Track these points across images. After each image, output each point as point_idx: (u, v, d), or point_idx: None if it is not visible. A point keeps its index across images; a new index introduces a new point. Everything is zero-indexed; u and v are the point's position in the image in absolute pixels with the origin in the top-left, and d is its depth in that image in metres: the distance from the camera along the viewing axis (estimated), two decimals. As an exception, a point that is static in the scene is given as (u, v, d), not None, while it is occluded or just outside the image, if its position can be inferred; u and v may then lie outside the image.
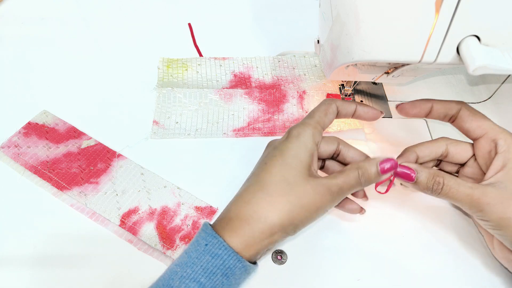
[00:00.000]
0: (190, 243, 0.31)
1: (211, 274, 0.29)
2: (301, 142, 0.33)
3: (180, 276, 0.29)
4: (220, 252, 0.29)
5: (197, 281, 0.28)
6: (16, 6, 0.57)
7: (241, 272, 0.30)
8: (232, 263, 0.29)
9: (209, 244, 0.30)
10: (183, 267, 0.29)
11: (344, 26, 0.35)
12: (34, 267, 0.36)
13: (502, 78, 0.50)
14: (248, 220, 0.30)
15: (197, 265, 0.29)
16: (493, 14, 0.29)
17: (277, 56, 0.54)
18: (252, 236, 0.30)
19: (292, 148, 0.33)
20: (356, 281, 0.37)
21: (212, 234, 0.30)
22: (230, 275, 0.30)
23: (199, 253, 0.30)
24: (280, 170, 0.32)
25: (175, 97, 0.48)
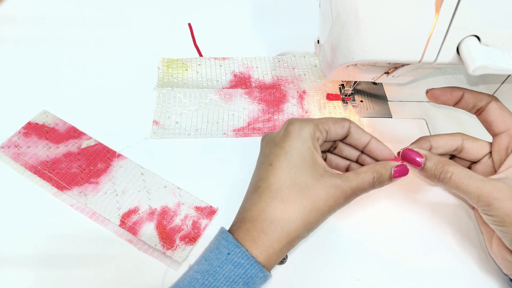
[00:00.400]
0: (210, 250, 0.31)
1: (233, 283, 0.29)
2: (302, 138, 0.32)
3: (201, 283, 0.28)
4: (242, 262, 0.29)
5: None
6: (16, 6, 0.57)
7: (261, 281, 0.30)
8: (254, 273, 0.29)
9: (232, 253, 0.29)
10: (204, 275, 0.29)
11: (344, 26, 0.35)
12: (34, 267, 0.36)
13: (502, 78, 0.50)
14: (265, 230, 0.30)
15: (219, 274, 0.29)
16: (493, 14, 0.29)
17: (277, 56, 0.54)
18: (271, 246, 0.30)
19: (296, 146, 0.32)
20: (356, 281, 0.37)
21: (235, 243, 0.30)
22: (251, 284, 0.29)
23: (220, 261, 0.29)
24: (289, 173, 0.31)
25: (175, 97, 0.48)
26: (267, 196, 0.31)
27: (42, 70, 0.50)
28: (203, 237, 0.39)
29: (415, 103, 0.50)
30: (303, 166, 0.31)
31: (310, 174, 0.31)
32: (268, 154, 0.32)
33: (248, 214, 0.31)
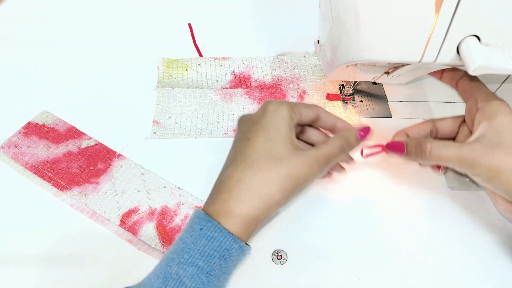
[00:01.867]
0: (184, 230, 0.31)
1: (209, 257, 0.29)
2: (279, 116, 0.34)
3: (177, 262, 0.29)
4: (216, 235, 0.30)
5: (195, 265, 0.29)
6: (16, 6, 0.57)
7: (238, 253, 0.31)
8: (229, 245, 0.30)
9: (204, 228, 0.30)
10: (179, 253, 0.29)
11: (344, 26, 0.35)
12: (34, 267, 0.36)
13: (502, 78, 0.50)
14: (243, 198, 0.31)
15: (194, 250, 0.29)
16: (493, 14, 0.29)
17: (277, 56, 0.54)
18: (249, 214, 0.31)
19: (273, 122, 0.34)
20: (356, 281, 0.37)
21: (206, 218, 0.30)
22: (227, 257, 0.30)
23: (194, 238, 0.30)
24: (265, 146, 0.33)
25: (175, 97, 0.48)
26: (244, 167, 0.32)
27: (42, 70, 0.50)
28: (203, 237, 0.38)
29: (415, 103, 0.50)
30: (279, 140, 0.33)
31: (285, 147, 0.33)
32: (246, 131, 0.34)
33: (225, 186, 0.32)
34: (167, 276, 0.29)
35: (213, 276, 0.29)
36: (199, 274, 0.29)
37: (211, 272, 0.29)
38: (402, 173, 0.43)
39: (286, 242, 0.38)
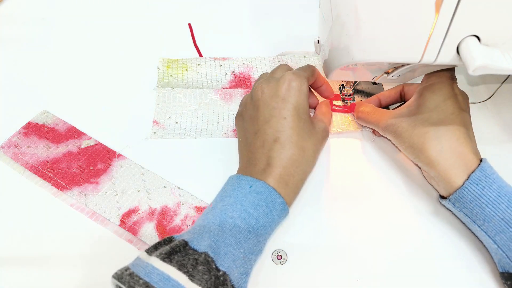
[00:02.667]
0: (231, 189, 0.35)
1: (258, 206, 0.34)
2: (303, 93, 0.39)
3: (232, 210, 0.34)
4: (263, 190, 0.35)
5: (247, 211, 0.34)
6: (16, 6, 0.57)
7: (280, 208, 0.35)
8: (274, 198, 0.35)
9: (253, 186, 0.35)
10: (232, 205, 0.34)
11: (344, 26, 0.35)
12: (34, 267, 0.36)
13: (502, 78, 0.50)
14: (293, 173, 0.36)
15: (245, 201, 0.34)
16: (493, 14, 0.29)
17: (277, 56, 0.54)
18: (296, 185, 0.37)
19: (299, 101, 0.38)
20: (356, 281, 0.37)
21: (254, 180, 0.35)
22: (272, 208, 0.35)
23: (244, 193, 0.35)
24: (300, 124, 0.38)
25: (175, 97, 0.48)
26: (290, 146, 0.37)
27: (42, 70, 0.50)
28: (203, 237, 0.39)
29: (415, 103, 0.50)
30: (307, 117, 0.39)
31: (309, 123, 0.39)
32: (276, 107, 0.38)
33: (276, 162, 0.36)
34: (223, 220, 0.33)
35: (260, 223, 0.34)
36: (250, 218, 0.34)
37: (259, 218, 0.34)
38: (402, 173, 0.43)
39: (286, 242, 0.38)
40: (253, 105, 0.39)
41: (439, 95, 0.39)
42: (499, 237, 0.34)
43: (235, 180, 0.36)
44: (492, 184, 0.35)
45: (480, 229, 0.36)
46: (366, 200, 0.42)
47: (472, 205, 0.35)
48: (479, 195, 0.35)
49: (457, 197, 0.36)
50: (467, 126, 0.38)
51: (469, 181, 0.35)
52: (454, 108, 0.38)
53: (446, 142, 0.37)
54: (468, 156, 0.37)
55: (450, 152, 0.37)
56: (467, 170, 0.36)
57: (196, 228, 0.33)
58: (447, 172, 0.37)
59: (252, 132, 0.38)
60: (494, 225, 0.34)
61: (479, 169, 0.36)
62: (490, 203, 0.35)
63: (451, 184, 0.37)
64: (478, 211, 0.35)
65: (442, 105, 0.39)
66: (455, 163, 0.36)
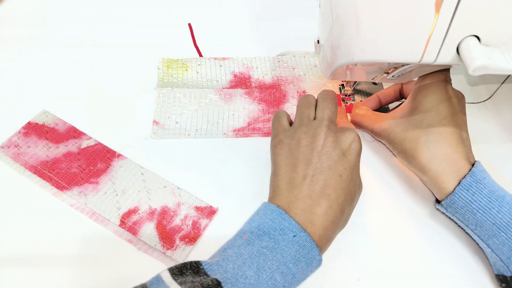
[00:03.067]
0: (272, 228, 0.33)
1: (298, 262, 0.32)
2: (359, 156, 0.37)
3: (271, 258, 0.31)
4: (306, 244, 0.32)
5: (286, 265, 0.32)
6: (16, 6, 0.57)
7: (317, 264, 0.34)
8: (314, 255, 0.33)
9: (297, 236, 0.32)
10: (272, 251, 0.32)
11: (344, 26, 0.35)
12: (34, 267, 0.36)
13: (502, 78, 0.50)
14: (331, 237, 0.34)
15: (286, 252, 0.32)
16: (493, 14, 0.29)
17: (277, 56, 0.54)
18: (332, 237, 0.35)
19: (356, 164, 0.37)
20: (356, 281, 0.37)
21: (299, 228, 0.33)
22: (310, 265, 0.33)
23: (287, 242, 0.32)
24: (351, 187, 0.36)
25: (175, 97, 0.48)
26: (336, 208, 0.34)
27: (42, 70, 0.50)
28: (203, 237, 0.39)
29: (415, 103, 0.50)
30: (357, 181, 0.37)
31: (355, 186, 0.36)
32: (337, 161, 0.35)
33: (319, 222, 0.33)
34: (260, 267, 0.31)
35: (296, 279, 0.32)
36: (288, 274, 0.31)
37: (296, 275, 0.32)
38: (402, 174, 0.43)
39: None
40: (312, 148, 0.36)
41: (432, 98, 0.39)
42: (491, 241, 0.35)
43: (276, 216, 0.33)
44: (483, 189, 0.35)
45: (473, 233, 0.36)
46: (366, 200, 0.41)
47: (464, 210, 0.35)
48: (470, 200, 0.35)
49: (448, 202, 0.36)
50: (460, 129, 0.38)
51: (459, 187, 0.35)
52: (447, 112, 0.38)
53: (437, 148, 0.37)
54: (460, 162, 0.36)
55: (441, 158, 0.37)
56: (458, 176, 0.36)
57: (229, 264, 0.31)
58: (438, 178, 0.37)
59: (302, 175, 0.35)
60: (486, 229, 0.35)
61: (470, 174, 0.36)
62: (481, 208, 0.34)
63: (442, 190, 0.37)
64: (470, 216, 0.35)
65: (435, 109, 0.38)
66: (446, 169, 0.37)
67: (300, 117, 0.39)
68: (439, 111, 0.38)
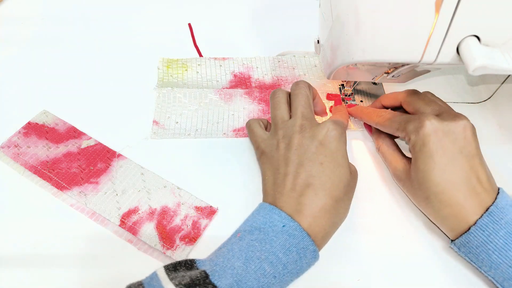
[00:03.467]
0: (261, 222, 0.33)
1: (288, 251, 0.32)
2: (343, 141, 0.37)
3: (259, 249, 0.32)
4: (296, 233, 0.33)
5: (275, 255, 0.32)
6: (16, 6, 0.57)
7: (311, 256, 0.33)
8: (306, 245, 0.33)
9: (287, 226, 0.33)
10: (261, 242, 0.32)
11: (344, 26, 0.35)
12: (34, 267, 0.36)
13: (502, 78, 0.50)
14: (324, 226, 0.34)
15: (276, 242, 0.32)
16: (493, 14, 0.29)
17: (277, 56, 0.54)
18: (328, 235, 0.35)
19: (339, 148, 0.37)
20: (356, 281, 0.37)
21: (288, 218, 0.33)
22: (303, 255, 0.33)
23: (276, 232, 0.32)
24: (336, 171, 0.36)
25: (175, 97, 0.48)
26: (323, 194, 0.35)
27: (42, 70, 0.50)
28: (203, 237, 0.39)
29: (415, 103, 0.50)
30: (345, 164, 0.37)
31: (348, 170, 0.37)
32: (315, 152, 0.36)
33: (307, 210, 0.34)
34: (248, 258, 0.31)
35: (288, 270, 0.32)
36: (278, 264, 0.31)
37: (287, 265, 0.32)
38: (402, 173, 0.43)
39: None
40: (288, 146, 0.37)
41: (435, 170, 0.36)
42: (507, 284, 0.33)
43: (268, 212, 0.34)
44: (499, 230, 0.33)
45: (487, 274, 0.35)
46: (366, 200, 0.41)
47: (479, 250, 0.34)
48: (485, 241, 0.34)
49: (463, 241, 0.35)
50: (474, 176, 0.35)
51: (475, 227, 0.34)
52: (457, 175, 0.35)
53: (447, 209, 0.35)
54: (471, 218, 0.34)
55: (453, 215, 0.35)
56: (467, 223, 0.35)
57: (219, 258, 0.32)
58: (446, 229, 0.37)
59: (283, 173, 0.36)
60: (502, 272, 0.33)
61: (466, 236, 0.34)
62: (497, 249, 0.33)
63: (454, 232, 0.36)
64: (485, 257, 0.34)
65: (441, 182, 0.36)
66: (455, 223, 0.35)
67: (274, 121, 0.40)
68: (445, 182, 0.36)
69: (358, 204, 0.41)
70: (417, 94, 0.41)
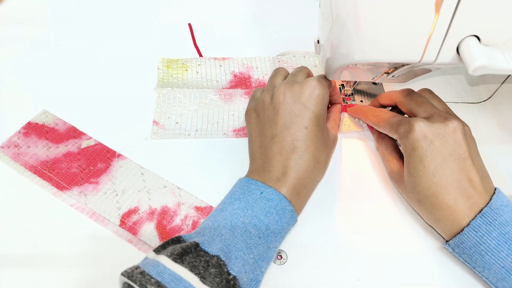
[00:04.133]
0: (240, 193, 0.36)
1: (268, 213, 0.34)
2: (325, 103, 0.39)
3: (243, 215, 0.34)
4: (274, 197, 0.35)
5: (258, 218, 0.34)
6: (16, 6, 0.57)
7: (290, 216, 0.35)
8: (284, 205, 0.35)
9: (264, 193, 0.35)
10: (243, 209, 0.34)
11: (344, 26, 0.35)
12: (34, 267, 0.36)
13: (502, 78, 0.50)
14: (307, 185, 0.37)
15: (256, 207, 0.34)
16: (493, 14, 0.29)
17: (277, 56, 0.54)
18: (308, 196, 0.38)
19: (321, 110, 0.38)
20: (356, 281, 0.37)
21: (265, 186, 0.35)
22: (282, 215, 0.35)
23: (255, 199, 0.35)
24: (318, 134, 0.38)
25: (175, 97, 0.48)
26: (307, 158, 0.37)
27: (42, 70, 0.50)
28: (203, 237, 0.39)
29: (415, 103, 0.50)
30: (324, 127, 0.39)
31: (326, 133, 0.40)
32: (298, 114, 0.38)
33: (293, 172, 0.36)
34: (234, 224, 0.33)
35: (270, 230, 0.34)
36: (260, 225, 0.34)
37: (269, 225, 0.34)
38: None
39: (286, 242, 0.38)
40: (273, 107, 0.39)
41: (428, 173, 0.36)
42: (501, 284, 0.33)
43: (244, 184, 0.36)
44: (492, 231, 0.33)
45: (481, 275, 0.35)
46: (366, 200, 0.42)
47: (472, 251, 0.34)
48: (477, 242, 0.34)
49: (457, 242, 0.35)
50: (465, 178, 0.35)
51: (468, 228, 0.34)
52: (448, 179, 0.35)
53: (439, 212, 0.36)
54: (462, 220, 0.35)
55: (444, 218, 0.35)
56: (457, 227, 0.35)
57: (206, 230, 0.33)
58: (439, 230, 0.37)
59: (269, 135, 0.38)
60: (495, 272, 0.33)
61: (480, 215, 0.34)
62: (490, 250, 0.33)
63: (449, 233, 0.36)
64: (478, 258, 0.34)
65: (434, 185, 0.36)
66: (448, 225, 0.36)
67: (268, 86, 0.42)
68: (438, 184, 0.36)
69: (358, 204, 0.41)
70: (411, 95, 0.41)
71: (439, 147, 0.36)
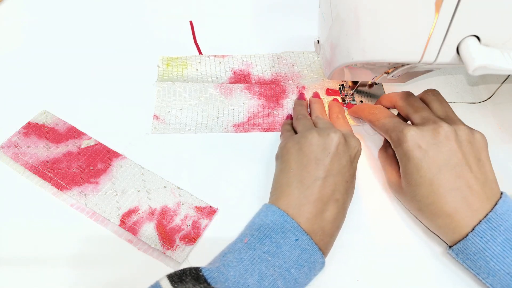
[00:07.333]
0: (273, 231, 0.33)
1: (300, 266, 0.32)
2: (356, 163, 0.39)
3: (272, 265, 0.32)
4: (308, 248, 0.33)
5: (288, 271, 0.32)
6: (16, 6, 0.57)
7: (319, 268, 0.34)
8: (316, 258, 0.33)
9: (300, 240, 0.33)
10: (274, 256, 0.32)
11: (344, 26, 0.35)
12: (34, 267, 0.36)
13: (502, 78, 0.50)
14: (334, 234, 0.36)
15: (288, 257, 0.32)
16: (493, 14, 0.29)
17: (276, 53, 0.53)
18: (334, 239, 0.36)
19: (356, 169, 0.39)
20: (356, 281, 0.37)
21: (301, 231, 0.33)
22: (312, 268, 0.33)
23: (289, 246, 0.32)
24: (350, 192, 0.38)
25: (175, 91, 0.48)
26: (343, 213, 0.37)
27: (42, 70, 0.50)
28: (203, 237, 0.39)
29: (415, 102, 0.50)
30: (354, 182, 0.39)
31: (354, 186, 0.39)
32: (345, 166, 0.37)
33: (328, 224, 0.35)
34: (262, 274, 0.31)
35: (298, 283, 0.32)
36: (290, 279, 0.32)
37: (298, 279, 0.32)
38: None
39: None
40: (324, 148, 0.36)
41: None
42: None
43: (278, 219, 0.34)
44: (497, 237, 0.33)
45: (485, 281, 0.34)
46: (366, 198, 0.42)
47: (476, 257, 0.34)
48: (483, 248, 0.33)
49: (461, 248, 0.35)
50: (464, 186, 0.35)
51: (472, 233, 0.34)
52: (445, 188, 0.35)
53: (440, 220, 0.36)
54: (464, 228, 0.34)
55: (445, 225, 0.35)
56: (459, 235, 0.35)
57: (230, 271, 0.31)
58: (442, 237, 0.37)
59: (313, 176, 0.35)
60: (500, 279, 0.33)
61: (485, 220, 0.34)
62: (495, 256, 0.33)
63: (452, 238, 0.36)
64: (482, 264, 0.33)
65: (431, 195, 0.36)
66: (450, 232, 0.35)
67: (303, 125, 0.41)
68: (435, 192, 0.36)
69: (359, 205, 0.41)
70: (408, 99, 0.41)
71: (433, 157, 0.35)
